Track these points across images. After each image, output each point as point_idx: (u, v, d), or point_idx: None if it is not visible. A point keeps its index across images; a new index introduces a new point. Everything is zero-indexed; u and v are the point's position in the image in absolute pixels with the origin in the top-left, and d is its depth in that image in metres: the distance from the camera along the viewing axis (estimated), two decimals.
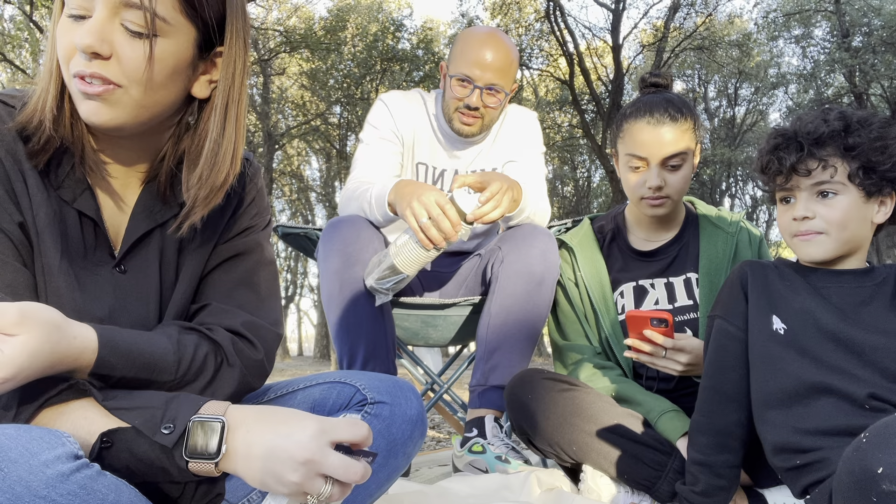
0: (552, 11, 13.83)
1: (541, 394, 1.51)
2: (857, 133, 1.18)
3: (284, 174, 22.88)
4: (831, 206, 1.18)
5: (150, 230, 0.96)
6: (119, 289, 0.93)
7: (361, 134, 2.02)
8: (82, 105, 0.83)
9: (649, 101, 1.64)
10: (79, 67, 0.81)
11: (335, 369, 1.17)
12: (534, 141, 2.07)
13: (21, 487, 0.61)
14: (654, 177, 1.59)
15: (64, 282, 0.87)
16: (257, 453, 0.72)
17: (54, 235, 0.87)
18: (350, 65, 16.24)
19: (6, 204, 0.82)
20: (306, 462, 0.71)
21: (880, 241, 17.16)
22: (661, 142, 1.58)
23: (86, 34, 0.79)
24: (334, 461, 0.72)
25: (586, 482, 1.48)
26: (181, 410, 0.73)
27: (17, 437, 0.64)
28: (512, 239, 1.81)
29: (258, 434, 0.73)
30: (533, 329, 1.77)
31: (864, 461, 0.85)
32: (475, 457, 1.65)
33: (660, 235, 1.74)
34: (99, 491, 0.66)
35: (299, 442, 0.71)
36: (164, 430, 0.72)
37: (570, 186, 22.93)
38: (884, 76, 13.31)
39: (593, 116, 15.52)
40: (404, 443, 1.06)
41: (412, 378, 3.01)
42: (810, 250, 1.21)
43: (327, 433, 0.73)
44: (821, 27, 15.15)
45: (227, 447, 0.73)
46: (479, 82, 1.87)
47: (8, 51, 11.96)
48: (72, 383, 0.73)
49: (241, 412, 0.75)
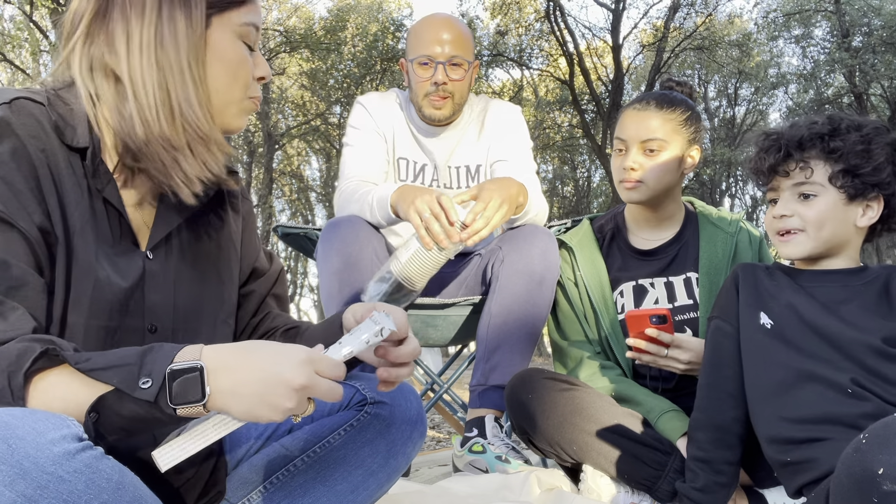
0: (552, 11, 13.83)
1: (541, 393, 1.51)
2: (841, 137, 1.22)
3: (284, 174, 22.87)
4: (809, 206, 1.23)
5: (172, 228, 0.98)
6: (142, 281, 0.93)
7: (345, 138, 2.04)
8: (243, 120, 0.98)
9: (646, 93, 1.71)
10: (257, 92, 0.98)
11: None
12: (521, 137, 2.06)
13: (29, 463, 0.62)
14: (629, 158, 1.63)
15: (101, 272, 0.88)
16: (249, 390, 0.74)
17: (88, 233, 0.88)
18: (350, 65, 16.23)
19: (29, 202, 0.81)
20: (301, 388, 0.76)
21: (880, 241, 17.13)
22: (641, 125, 1.63)
23: (266, 67, 0.97)
24: (324, 386, 0.78)
25: (586, 482, 1.48)
26: (157, 363, 0.73)
27: (24, 417, 0.65)
28: (512, 239, 1.81)
29: (246, 372, 0.75)
30: (533, 329, 1.77)
31: (864, 462, 0.85)
32: (475, 457, 1.65)
33: (658, 234, 1.74)
34: (103, 471, 0.67)
35: (293, 371, 0.75)
36: (143, 385, 0.72)
37: (570, 186, 22.92)
38: (884, 76, 13.30)
39: (593, 116, 15.51)
40: (404, 443, 1.06)
41: (412, 378, 3.02)
42: (789, 248, 1.26)
43: (314, 363, 0.78)
44: (821, 27, 15.14)
45: (210, 389, 0.74)
46: (441, 58, 1.91)
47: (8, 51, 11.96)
48: (43, 350, 0.73)
49: (216, 353, 0.76)
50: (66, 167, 0.86)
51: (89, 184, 0.89)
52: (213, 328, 1.01)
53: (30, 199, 0.82)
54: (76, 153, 0.88)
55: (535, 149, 17.80)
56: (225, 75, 0.92)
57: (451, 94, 1.93)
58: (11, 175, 0.80)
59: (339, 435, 1.05)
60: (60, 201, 0.85)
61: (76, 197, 0.87)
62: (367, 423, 1.05)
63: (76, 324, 0.85)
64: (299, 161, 23.61)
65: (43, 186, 0.83)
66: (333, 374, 0.79)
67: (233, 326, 1.07)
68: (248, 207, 1.15)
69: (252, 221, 1.16)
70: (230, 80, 0.93)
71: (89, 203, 0.88)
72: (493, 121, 2.06)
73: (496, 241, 1.88)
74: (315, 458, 1.04)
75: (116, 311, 0.89)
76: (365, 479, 1.04)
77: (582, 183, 22.46)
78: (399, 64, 2.06)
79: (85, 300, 0.86)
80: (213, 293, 1.03)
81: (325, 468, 1.04)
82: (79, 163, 0.88)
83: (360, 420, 1.05)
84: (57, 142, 0.86)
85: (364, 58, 15.61)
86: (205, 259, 1.02)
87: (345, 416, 1.06)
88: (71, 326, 0.85)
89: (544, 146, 18.44)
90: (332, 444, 1.04)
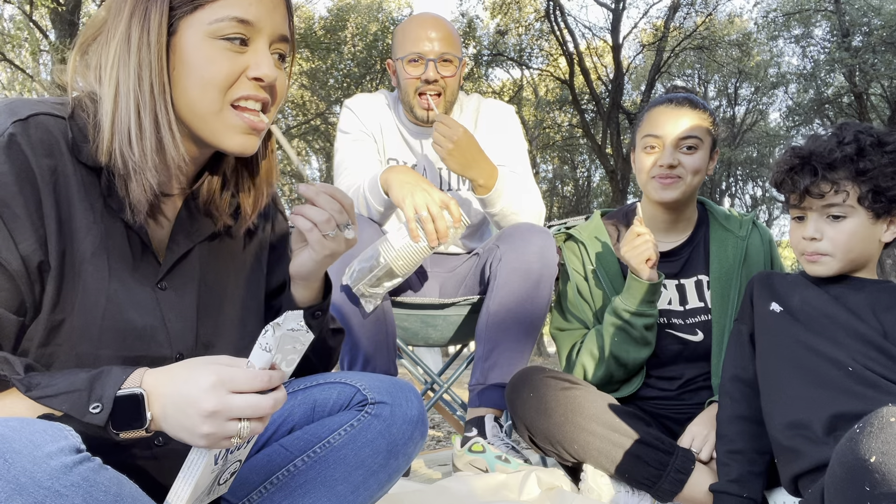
0: (552, 11, 13.81)
1: (542, 392, 1.52)
2: (869, 158, 1.23)
3: (284, 174, 22.87)
4: (840, 229, 1.25)
5: (191, 248, 0.96)
6: (160, 305, 0.92)
7: (336, 143, 2.04)
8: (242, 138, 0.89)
9: (671, 94, 1.70)
10: (247, 92, 0.87)
11: (336, 370, 1.17)
12: (514, 137, 2.05)
13: (25, 478, 0.61)
14: (667, 155, 1.61)
15: (113, 300, 0.86)
16: (171, 413, 0.74)
17: (101, 259, 0.85)
18: (350, 64, 16.21)
19: (21, 229, 0.78)
20: (212, 414, 0.72)
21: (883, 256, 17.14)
22: (678, 122, 1.62)
23: (265, 66, 0.86)
24: (239, 404, 0.73)
25: (587, 481, 1.48)
26: (106, 388, 0.73)
27: (21, 429, 0.64)
28: (510, 237, 1.81)
29: (167, 396, 0.74)
30: (532, 326, 1.77)
31: (856, 451, 0.87)
32: (475, 456, 1.65)
33: (672, 237, 1.73)
34: (101, 483, 0.67)
35: (199, 397, 0.72)
36: (93, 411, 0.72)
37: (570, 186, 22.90)
38: (884, 76, 13.28)
39: (593, 116, 15.49)
40: (405, 443, 1.06)
41: (412, 378, 3.01)
42: (816, 268, 1.29)
43: (226, 384, 0.73)
44: (821, 27, 15.12)
45: (150, 414, 0.74)
46: (431, 55, 1.90)
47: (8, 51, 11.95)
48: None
49: (153, 377, 0.76)
50: (78, 188, 0.84)
51: (106, 203, 0.86)
52: (236, 352, 1.00)
53: (25, 225, 0.79)
54: (93, 171, 0.86)
55: (535, 149, 17.79)
56: (192, 84, 0.84)
57: (442, 91, 1.93)
58: (10, 198, 0.78)
59: (339, 435, 1.04)
60: (67, 227, 0.83)
61: (88, 221, 0.84)
62: (367, 424, 1.05)
63: (87, 353, 0.84)
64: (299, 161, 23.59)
65: (45, 212, 0.81)
66: (253, 386, 0.74)
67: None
68: (283, 227, 1.13)
69: (286, 242, 1.13)
70: (198, 88, 0.84)
71: (104, 225, 0.86)
72: (485, 121, 2.05)
73: (494, 239, 1.88)
74: (315, 458, 1.04)
75: (135, 340, 0.88)
76: (366, 479, 1.04)
77: (582, 183, 22.44)
78: (386, 64, 2.04)
79: (94, 330, 0.84)
80: (235, 314, 1.02)
81: (326, 468, 1.03)
82: (95, 181, 0.86)
83: (361, 420, 1.05)
84: (72, 160, 0.84)
85: (364, 57, 15.60)
86: (227, 279, 1.01)
87: (345, 417, 1.06)
88: (82, 356, 0.84)
89: (544, 146, 18.42)
90: (332, 444, 1.04)
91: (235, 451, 0.83)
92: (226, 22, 0.83)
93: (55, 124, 0.84)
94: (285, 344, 0.77)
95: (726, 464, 1.32)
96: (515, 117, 2.12)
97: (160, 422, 0.74)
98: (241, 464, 0.88)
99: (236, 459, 0.85)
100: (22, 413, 0.74)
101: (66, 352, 0.83)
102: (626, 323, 1.57)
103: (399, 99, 2.02)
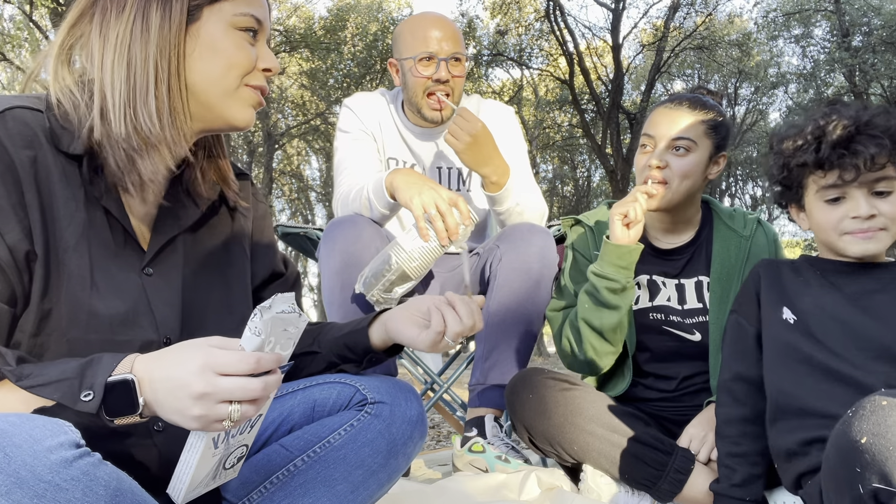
0: (552, 11, 13.81)
1: (542, 393, 1.52)
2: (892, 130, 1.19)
3: (284, 174, 22.86)
4: (890, 202, 1.20)
5: (175, 234, 0.98)
6: (146, 290, 0.93)
7: (336, 142, 2.02)
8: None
9: (679, 94, 1.69)
10: (260, 82, 0.96)
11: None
12: (514, 139, 2.04)
13: (26, 472, 0.62)
14: (656, 155, 1.59)
15: (96, 288, 0.87)
16: (162, 397, 0.74)
17: (83, 248, 0.87)
18: (350, 64, 16.21)
19: (6, 220, 0.81)
20: (201, 396, 0.72)
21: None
22: (673, 122, 1.59)
23: (273, 60, 0.97)
24: (227, 386, 0.73)
25: (586, 482, 1.48)
26: (97, 376, 0.74)
27: (21, 423, 0.65)
28: (510, 237, 1.81)
29: (158, 381, 0.75)
30: (531, 326, 1.77)
31: (848, 433, 0.87)
32: (475, 456, 1.65)
33: (675, 238, 1.71)
34: (101, 478, 0.67)
35: (188, 380, 0.73)
36: (84, 399, 0.73)
37: (569, 186, 22.91)
38: (884, 76, 13.29)
39: (593, 116, 15.50)
40: (404, 443, 1.06)
41: (412, 378, 3.02)
42: (870, 246, 1.21)
43: (213, 367, 0.73)
44: (821, 27, 15.13)
45: (143, 399, 0.74)
46: (442, 54, 1.89)
47: (8, 51, 11.96)
48: None
49: (144, 362, 0.76)
50: (59, 178, 0.86)
51: (87, 192, 0.88)
52: (225, 336, 1.00)
53: (9, 216, 0.81)
54: (74, 160, 0.87)
55: (535, 149, 17.77)
56: (217, 66, 0.91)
57: (451, 91, 1.92)
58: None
59: (339, 435, 1.04)
60: (50, 216, 0.84)
61: (70, 210, 0.86)
62: (367, 423, 1.05)
63: (77, 339, 0.85)
64: (299, 161, 23.60)
65: (27, 202, 0.83)
66: (241, 368, 0.73)
67: None
68: (262, 210, 1.14)
69: (267, 224, 1.15)
70: (223, 69, 0.92)
71: (86, 214, 0.88)
72: (485, 122, 2.05)
73: (494, 239, 1.88)
74: (315, 457, 1.04)
75: (120, 326, 0.89)
76: (365, 478, 1.04)
77: (582, 182, 22.46)
78: (388, 63, 2.03)
79: (82, 316, 0.86)
80: (221, 299, 1.03)
81: (326, 468, 1.03)
82: (76, 171, 0.88)
83: (361, 420, 1.05)
84: (52, 150, 0.85)
85: (364, 57, 15.60)
86: (211, 265, 1.02)
87: (345, 416, 1.06)
88: (72, 342, 0.85)
89: (544, 146, 18.44)
90: (332, 443, 1.04)
91: (238, 436, 0.83)
92: (247, 16, 0.93)
93: (32, 117, 0.86)
94: (277, 327, 0.77)
95: (729, 466, 1.30)
96: (515, 119, 2.12)
97: (153, 406, 0.75)
98: (247, 448, 0.88)
99: (241, 444, 0.85)
100: (14, 405, 0.75)
101: (56, 340, 0.85)
102: (592, 286, 1.55)
103: (399, 98, 2.02)
